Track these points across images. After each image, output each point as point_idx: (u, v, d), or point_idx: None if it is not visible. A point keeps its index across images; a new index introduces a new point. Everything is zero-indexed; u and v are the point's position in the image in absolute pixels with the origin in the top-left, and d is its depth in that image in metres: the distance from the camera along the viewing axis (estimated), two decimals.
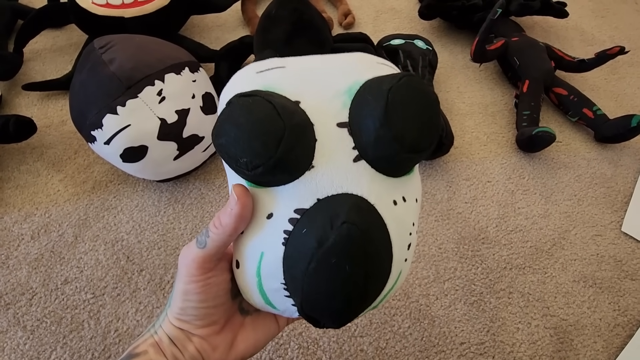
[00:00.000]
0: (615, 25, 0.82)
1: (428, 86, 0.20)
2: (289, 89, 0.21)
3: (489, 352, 0.41)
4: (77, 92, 0.44)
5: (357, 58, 0.23)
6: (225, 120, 0.19)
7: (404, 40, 0.64)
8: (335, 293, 0.19)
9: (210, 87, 0.50)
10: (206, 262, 0.22)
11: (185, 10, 0.66)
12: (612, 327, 0.43)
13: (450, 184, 0.54)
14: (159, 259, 0.46)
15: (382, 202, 0.20)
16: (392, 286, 0.22)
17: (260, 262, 0.21)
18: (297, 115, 0.19)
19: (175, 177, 0.51)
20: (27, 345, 0.40)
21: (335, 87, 0.21)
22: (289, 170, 0.19)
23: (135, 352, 0.24)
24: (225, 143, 0.19)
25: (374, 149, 0.19)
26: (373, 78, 0.21)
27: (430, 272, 0.46)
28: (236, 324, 0.25)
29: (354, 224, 0.18)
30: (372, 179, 0.20)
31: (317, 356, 0.40)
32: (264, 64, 0.22)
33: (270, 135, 0.18)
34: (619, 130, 0.57)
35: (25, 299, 0.42)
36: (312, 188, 0.20)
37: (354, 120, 0.20)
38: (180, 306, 0.23)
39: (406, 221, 0.21)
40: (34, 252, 0.46)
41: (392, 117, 0.19)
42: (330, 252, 0.18)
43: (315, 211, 0.19)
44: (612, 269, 0.48)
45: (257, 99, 0.19)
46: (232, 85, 0.22)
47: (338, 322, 0.20)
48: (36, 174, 0.53)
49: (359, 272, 0.19)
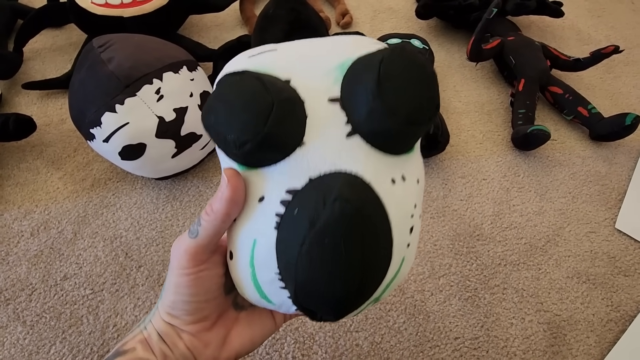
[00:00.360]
0: (611, 25, 0.82)
1: (423, 57, 0.20)
2: (280, 69, 0.20)
3: (483, 346, 0.42)
4: (76, 91, 0.45)
5: (352, 38, 0.22)
6: (213, 98, 0.19)
7: (401, 40, 0.65)
8: (330, 277, 0.18)
9: (208, 85, 0.51)
10: (199, 254, 0.21)
11: (184, 9, 0.66)
12: (605, 322, 0.44)
13: (446, 181, 0.55)
14: (157, 256, 0.46)
15: (378, 180, 0.19)
16: (394, 274, 0.20)
17: (253, 251, 0.20)
18: (285, 91, 0.19)
19: (174, 175, 0.52)
20: (26, 340, 0.40)
21: (326, 64, 0.20)
22: (279, 147, 0.18)
23: (123, 349, 0.23)
24: (213, 121, 0.18)
25: (367, 123, 0.19)
26: (366, 54, 0.20)
27: (426, 268, 0.47)
28: (229, 319, 0.25)
29: (348, 201, 0.17)
30: (367, 155, 0.19)
31: (313, 351, 0.40)
32: (256, 49, 0.22)
33: (258, 110, 0.18)
34: (613, 129, 0.57)
35: (25, 294, 0.43)
36: (304, 166, 0.19)
37: (346, 94, 0.19)
38: (172, 299, 0.22)
39: (406, 202, 0.20)
40: (33, 249, 0.46)
41: (385, 88, 0.18)
42: (323, 231, 0.17)
43: (307, 190, 0.18)
44: (605, 265, 0.48)
45: (245, 76, 0.18)
46: (224, 71, 0.22)
47: (335, 311, 0.19)
48: (36, 171, 0.53)
49: (355, 252, 0.17)
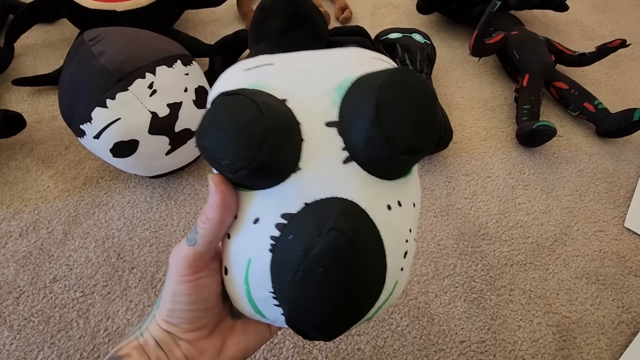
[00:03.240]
0: (615, 20, 0.81)
1: (424, 81, 0.19)
2: (277, 87, 0.19)
3: (490, 350, 0.40)
4: (66, 86, 0.43)
5: (349, 53, 0.21)
6: (207, 120, 0.18)
7: (401, 34, 0.63)
8: (322, 305, 0.18)
9: (203, 80, 0.49)
10: (197, 260, 0.21)
11: (180, 4, 0.65)
12: (616, 324, 0.42)
13: (450, 179, 0.53)
14: (151, 257, 0.45)
15: (374, 206, 0.19)
16: (387, 297, 0.21)
17: (247, 269, 0.20)
18: (282, 115, 0.18)
19: (168, 173, 0.50)
20: (13, 345, 0.38)
21: (324, 84, 0.20)
22: (274, 173, 0.18)
23: (118, 354, 0.22)
24: (207, 145, 0.18)
25: (365, 151, 0.18)
26: (365, 74, 0.19)
27: (430, 269, 0.45)
28: (226, 328, 0.24)
29: (343, 232, 0.17)
30: (363, 182, 0.19)
31: (313, 355, 0.39)
32: (252, 61, 0.21)
33: (252, 136, 0.17)
34: (620, 125, 0.56)
35: (12, 297, 0.41)
36: (299, 191, 0.18)
37: (344, 119, 0.19)
38: (169, 308, 0.22)
39: (402, 227, 0.20)
40: (22, 250, 0.44)
41: (383, 116, 0.17)
42: (317, 261, 0.17)
43: (303, 216, 0.18)
44: (615, 265, 0.46)
45: (240, 98, 0.18)
46: (220, 84, 0.21)
47: (326, 335, 0.19)
48: (25, 170, 0.51)
49: (347, 283, 0.17)
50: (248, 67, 0.21)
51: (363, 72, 0.19)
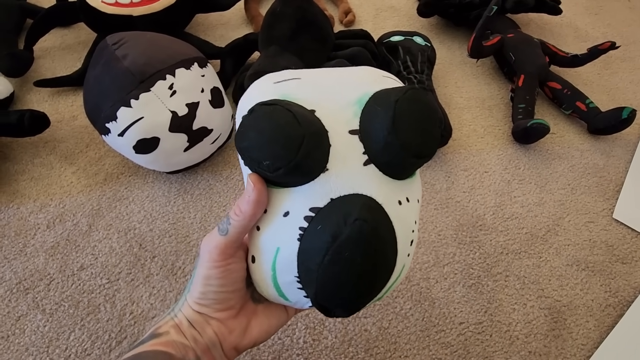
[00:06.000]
0: (608, 22, 0.84)
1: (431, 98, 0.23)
2: (305, 99, 0.23)
3: (487, 331, 0.43)
4: (92, 87, 0.46)
5: (364, 72, 0.25)
6: (248, 126, 0.21)
7: (403, 37, 0.66)
8: (347, 283, 0.21)
9: (217, 82, 0.52)
10: (228, 248, 0.24)
11: (191, 8, 0.68)
12: (604, 307, 0.46)
13: (449, 174, 0.57)
14: (170, 247, 0.48)
15: (388, 202, 0.22)
16: (396, 278, 0.24)
17: (276, 257, 0.23)
18: (314, 123, 0.21)
19: (185, 169, 0.53)
20: (46, 327, 0.41)
21: (346, 98, 0.23)
22: (307, 172, 0.21)
23: (158, 332, 0.25)
24: (248, 146, 0.21)
25: (382, 155, 0.22)
26: (381, 90, 0.23)
27: (431, 257, 0.48)
28: (249, 311, 0.27)
29: (365, 221, 0.20)
30: (380, 181, 0.22)
31: (324, 336, 0.42)
32: (280, 75, 0.25)
33: (291, 140, 0.20)
34: (610, 122, 0.59)
35: (44, 284, 0.44)
36: (327, 189, 0.21)
37: (365, 128, 0.22)
38: (201, 290, 0.25)
39: (409, 220, 0.23)
40: (50, 241, 0.48)
41: (399, 126, 0.21)
42: (344, 245, 0.20)
43: (329, 209, 0.21)
44: (603, 254, 0.50)
45: (278, 108, 0.21)
46: (252, 94, 0.24)
47: (348, 310, 0.22)
48: (49, 166, 0.54)
49: (368, 264, 0.20)
50: (277, 80, 0.24)
51: (378, 89, 0.23)
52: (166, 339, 0.25)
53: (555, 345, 0.43)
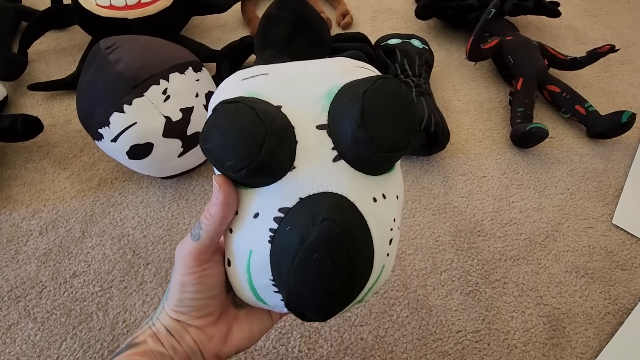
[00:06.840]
0: (607, 24, 0.83)
1: (403, 87, 0.21)
2: (272, 95, 0.22)
3: (485, 339, 0.43)
4: (85, 91, 0.46)
5: (336, 63, 0.24)
6: (210, 126, 0.20)
7: (401, 40, 0.66)
8: (318, 287, 0.20)
9: (212, 86, 0.52)
10: (202, 254, 0.23)
11: (187, 11, 0.67)
12: (603, 315, 0.45)
13: (447, 179, 0.56)
14: (164, 253, 0.47)
15: (361, 199, 0.21)
16: (375, 280, 0.23)
17: (249, 260, 0.22)
18: (278, 120, 0.20)
19: (179, 174, 0.52)
20: (37, 336, 0.41)
21: (315, 92, 0.22)
22: (272, 172, 0.20)
23: (135, 342, 0.25)
24: (211, 148, 0.20)
25: (352, 150, 0.20)
26: (350, 82, 0.22)
27: (428, 263, 0.48)
28: (230, 316, 0.26)
29: (334, 221, 0.19)
30: (351, 177, 0.21)
31: (319, 344, 0.41)
32: (248, 71, 0.23)
33: (252, 139, 0.19)
34: (610, 126, 0.59)
35: (35, 292, 0.44)
36: (295, 188, 0.20)
37: (333, 122, 0.21)
38: (177, 298, 0.24)
39: (386, 217, 0.22)
40: (42, 247, 0.47)
41: (368, 118, 0.19)
42: (312, 248, 0.19)
43: (298, 210, 0.20)
44: (603, 260, 0.49)
45: (240, 105, 0.20)
46: (219, 92, 0.24)
47: (322, 315, 0.21)
48: (43, 171, 0.54)
49: (340, 266, 0.19)
50: (245, 77, 0.23)
51: (349, 80, 0.22)
52: (143, 349, 0.24)
53: (554, 354, 0.42)
